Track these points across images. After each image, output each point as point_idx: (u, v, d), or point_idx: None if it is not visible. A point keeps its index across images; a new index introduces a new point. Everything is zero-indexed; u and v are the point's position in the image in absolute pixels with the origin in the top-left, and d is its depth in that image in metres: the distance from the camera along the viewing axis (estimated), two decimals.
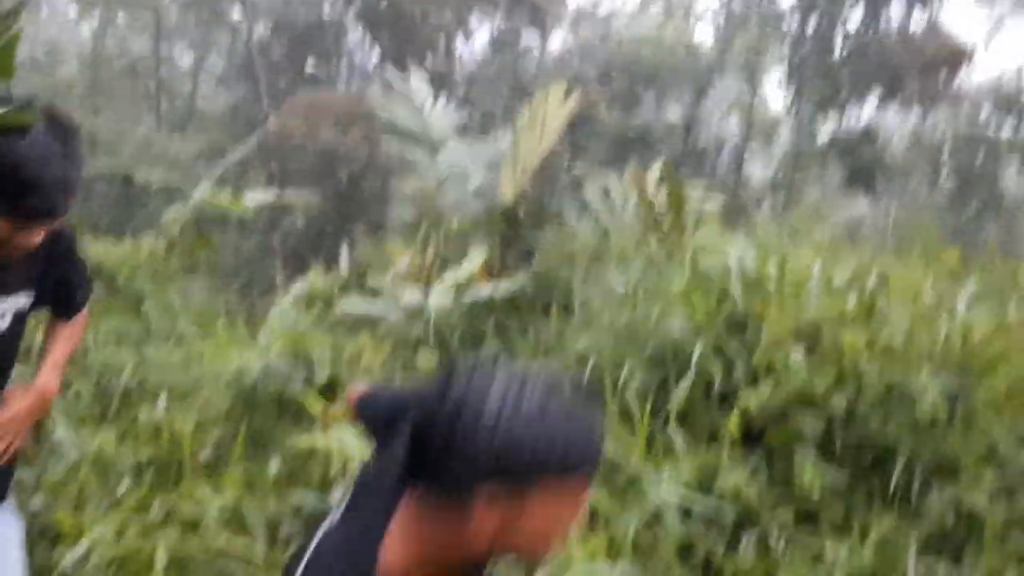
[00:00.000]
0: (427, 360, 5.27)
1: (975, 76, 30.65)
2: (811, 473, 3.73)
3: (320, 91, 14.99)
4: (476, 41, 15.76)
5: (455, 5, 13.80)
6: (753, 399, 4.01)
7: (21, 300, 2.19)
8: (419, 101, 7.63)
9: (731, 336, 4.53)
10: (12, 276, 2.14)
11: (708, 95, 19.26)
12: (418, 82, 7.73)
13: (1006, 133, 18.92)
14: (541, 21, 15.28)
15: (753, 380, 4.17)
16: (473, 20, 15.14)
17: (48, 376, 2.36)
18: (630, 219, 6.89)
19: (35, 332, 2.62)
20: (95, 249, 5.87)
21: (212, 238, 6.69)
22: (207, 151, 13.40)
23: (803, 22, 14.72)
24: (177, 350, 5.22)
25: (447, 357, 5.48)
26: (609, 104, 18.64)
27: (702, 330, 4.63)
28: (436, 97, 7.82)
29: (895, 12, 14.41)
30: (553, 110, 6.92)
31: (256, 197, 7.07)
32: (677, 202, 5.71)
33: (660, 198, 5.91)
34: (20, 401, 2.25)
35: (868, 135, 15.19)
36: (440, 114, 7.67)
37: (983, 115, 17.18)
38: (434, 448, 1.27)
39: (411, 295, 5.58)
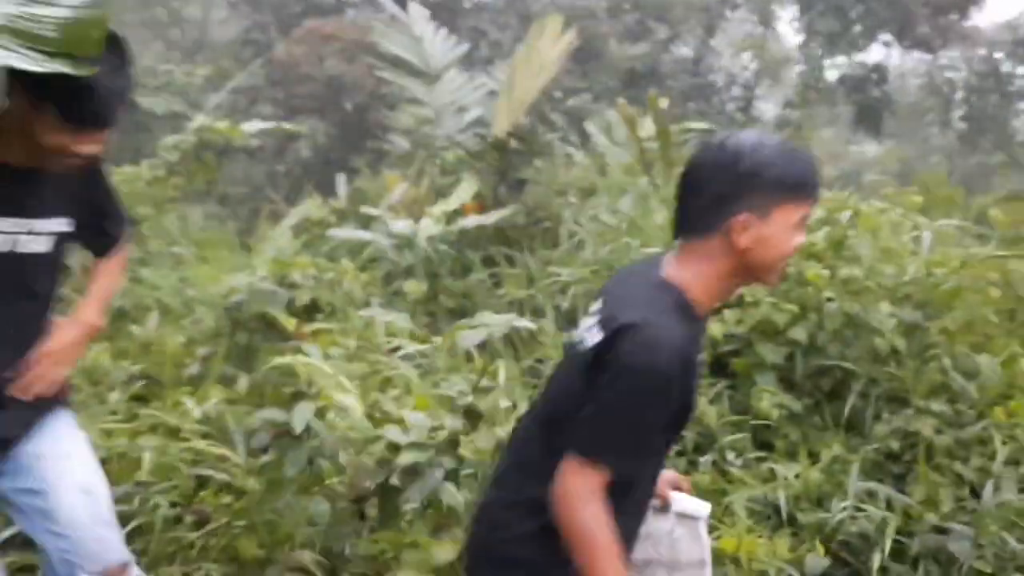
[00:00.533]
0: (415, 288, 5.44)
1: (989, 18, 30.03)
2: (768, 399, 3.91)
3: (329, 20, 14.94)
4: None
5: None
6: (719, 329, 4.17)
7: (63, 225, 2.22)
8: (418, 32, 7.69)
9: None
10: (51, 199, 2.18)
11: (720, 30, 19.08)
12: (417, 12, 7.78)
13: (1020, 76, 18.70)
14: None
15: (720, 310, 4.32)
16: None
17: (91, 309, 2.38)
18: (621, 153, 6.99)
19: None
20: None
21: (212, 165, 6.81)
22: (216, 79, 13.44)
23: None
24: (173, 273, 5.42)
25: (435, 286, 5.66)
26: (619, 38, 18.47)
27: None
28: (436, 28, 7.87)
29: None
30: (548, 43, 6.97)
31: (255, 125, 7.17)
32: (664, 136, 5.80)
33: (649, 132, 6.00)
34: (67, 331, 2.28)
35: (877, 75, 15.08)
36: (438, 45, 7.73)
37: (997, 57, 16.98)
38: (701, 190, 1.71)
39: (401, 224, 5.73)
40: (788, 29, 15.98)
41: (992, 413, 3.69)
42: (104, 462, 3.16)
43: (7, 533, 2.79)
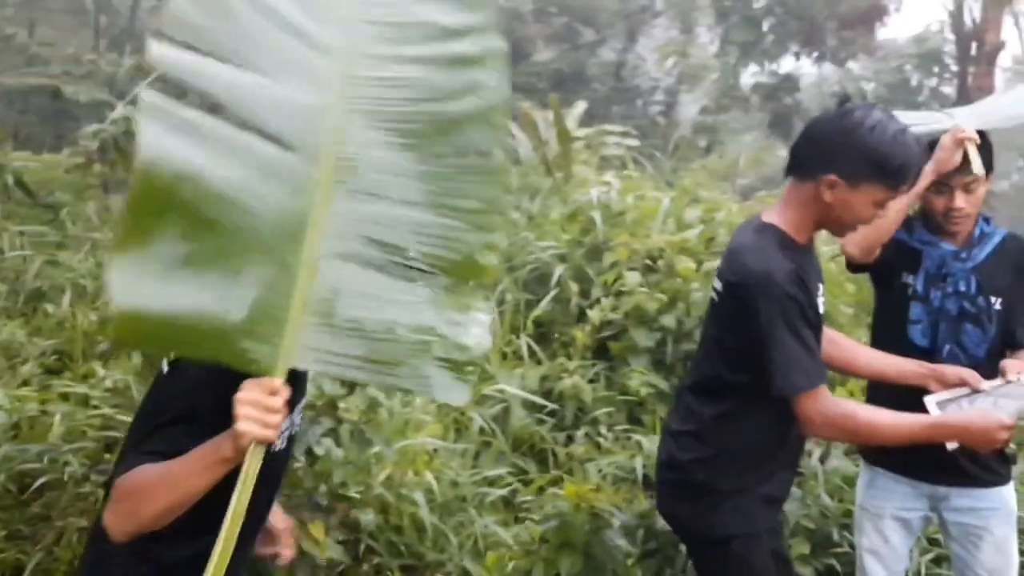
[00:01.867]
0: None
1: (897, 32, 31.11)
2: (638, 379, 4.32)
3: None
4: None
5: None
6: (597, 315, 4.57)
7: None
8: None
9: (590, 261, 5.10)
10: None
11: (645, 35, 19.64)
12: None
13: (927, 87, 19.57)
14: None
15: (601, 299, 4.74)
16: None
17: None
18: (529, 153, 7.38)
19: None
20: (15, 157, 6.16)
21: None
22: (143, 69, 13.45)
23: None
24: (91, 258, 5.62)
25: None
26: (547, 40, 18.88)
27: (567, 255, 5.18)
28: None
29: None
30: None
31: None
32: (564, 138, 6.19)
33: (551, 134, 6.38)
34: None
35: (789, 84, 15.75)
36: None
37: (907, 69, 17.79)
38: (814, 141, 2.13)
39: None
40: (708, 37, 16.55)
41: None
42: (15, 426, 3.45)
43: None
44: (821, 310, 2.23)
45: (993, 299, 2.63)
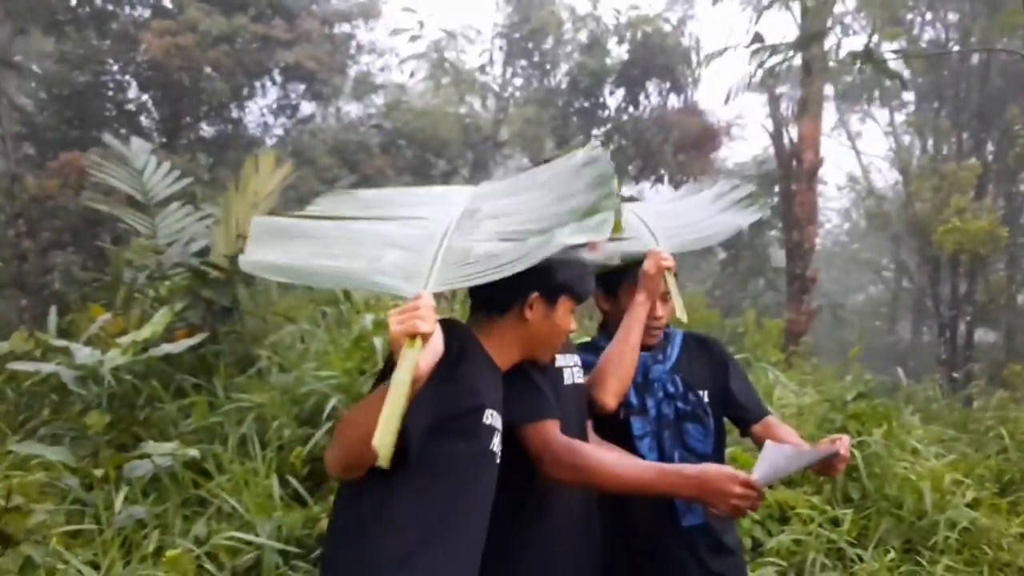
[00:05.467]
0: (96, 420, 5.29)
1: (738, 153, 32.85)
2: None
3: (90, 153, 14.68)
4: (255, 109, 15.82)
5: (227, 74, 13.90)
6: None
7: None
8: (139, 165, 7.71)
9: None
10: None
11: (498, 164, 20.05)
12: (139, 147, 7.82)
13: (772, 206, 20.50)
14: (319, 92, 15.58)
15: None
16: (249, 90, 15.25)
17: None
18: None
19: None
20: None
21: None
22: None
23: (569, 102, 15.68)
24: None
25: (122, 416, 5.54)
26: (397, 171, 19.04)
27: (344, 386, 4.93)
28: (158, 162, 7.92)
29: (653, 96, 15.67)
30: (264, 177, 7.17)
31: None
32: None
33: None
34: None
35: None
36: (160, 179, 7.77)
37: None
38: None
39: (86, 354, 5.60)
40: None
41: None
42: None
43: None
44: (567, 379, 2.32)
45: (701, 392, 2.67)
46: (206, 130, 15.79)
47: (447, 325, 2.09)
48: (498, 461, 2.05)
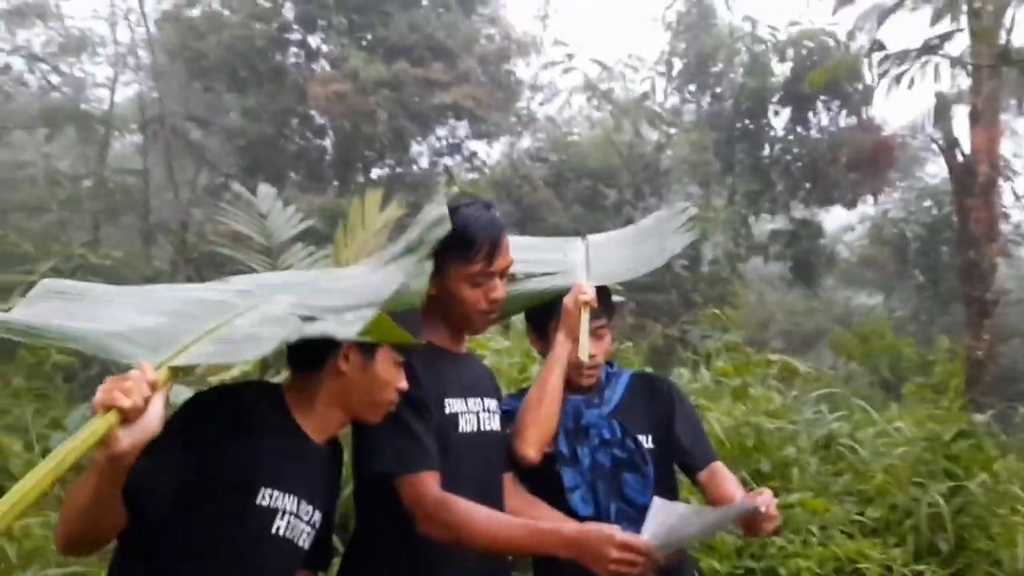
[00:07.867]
0: None
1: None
2: None
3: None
4: (423, 150, 16.41)
5: (390, 117, 14.50)
6: None
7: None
8: (264, 210, 8.09)
9: None
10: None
11: (665, 191, 19.70)
12: (264, 193, 8.21)
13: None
14: (480, 130, 15.95)
15: None
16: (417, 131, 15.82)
17: None
18: None
19: None
20: None
21: None
22: None
23: (731, 124, 15.19)
24: None
25: None
26: (567, 203, 19.12)
27: None
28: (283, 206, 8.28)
29: (822, 114, 14.92)
30: (371, 216, 7.33)
31: None
32: None
33: None
34: None
35: (807, 230, 15.42)
36: (285, 221, 8.11)
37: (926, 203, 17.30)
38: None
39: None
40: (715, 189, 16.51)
41: None
42: None
43: None
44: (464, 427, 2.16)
45: (642, 438, 2.44)
46: (377, 172, 16.48)
47: (247, 388, 2.02)
48: (299, 544, 1.93)
